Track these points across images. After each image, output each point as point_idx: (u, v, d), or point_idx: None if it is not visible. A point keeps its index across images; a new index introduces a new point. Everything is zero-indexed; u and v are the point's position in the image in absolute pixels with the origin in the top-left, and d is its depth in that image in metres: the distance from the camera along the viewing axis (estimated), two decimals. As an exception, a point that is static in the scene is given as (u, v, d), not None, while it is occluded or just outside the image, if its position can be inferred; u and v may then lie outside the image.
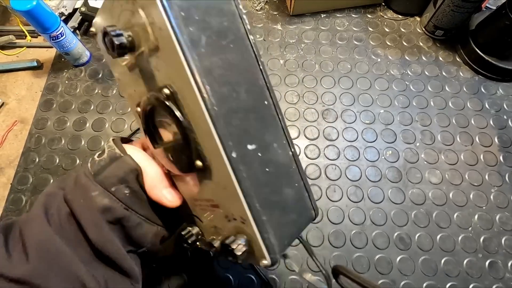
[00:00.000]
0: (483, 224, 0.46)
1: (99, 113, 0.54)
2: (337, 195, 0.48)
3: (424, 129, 0.52)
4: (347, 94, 0.55)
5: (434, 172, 0.50)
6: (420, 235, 0.46)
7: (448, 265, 0.44)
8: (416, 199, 0.48)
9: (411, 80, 0.56)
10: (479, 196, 0.48)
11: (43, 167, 0.50)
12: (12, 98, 0.56)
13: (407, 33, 0.61)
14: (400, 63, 0.58)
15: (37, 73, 0.58)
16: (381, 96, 0.55)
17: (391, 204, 0.47)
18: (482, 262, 0.44)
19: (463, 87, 0.56)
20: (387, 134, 0.52)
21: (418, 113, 0.54)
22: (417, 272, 0.44)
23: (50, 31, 0.48)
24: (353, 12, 0.63)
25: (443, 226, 0.46)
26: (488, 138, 0.52)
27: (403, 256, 0.45)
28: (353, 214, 0.47)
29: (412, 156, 0.51)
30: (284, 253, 0.24)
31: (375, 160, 0.50)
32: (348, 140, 0.52)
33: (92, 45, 0.59)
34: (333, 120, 0.53)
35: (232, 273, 0.43)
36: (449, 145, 0.51)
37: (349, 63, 0.58)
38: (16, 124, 0.53)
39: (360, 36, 0.61)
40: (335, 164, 0.50)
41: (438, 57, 0.59)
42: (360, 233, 0.46)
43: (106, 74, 0.57)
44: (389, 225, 0.46)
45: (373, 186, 0.49)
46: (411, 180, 0.49)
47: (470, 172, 0.50)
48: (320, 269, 0.27)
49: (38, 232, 0.22)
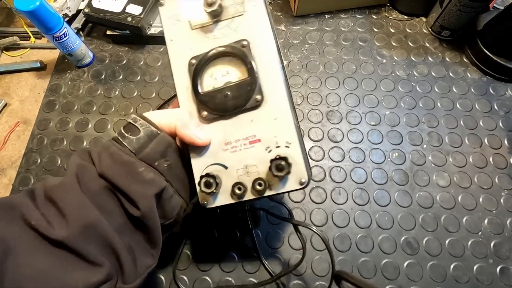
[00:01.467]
0: (493, 228, 0.45)
1: (102, 114, 0.53)
2: (342, 198, 0.47)
3: (431, 131, 0.51)
4: (352, 95, 0.54)
5: (442, 175, 0.48)
6: (428, 240, 0.44)
7: (458, 271, 0.43)
8: (423, 202, 0.47)
9: (418, 81, 0.55)
10: (489, 200, 0.47)
11: (45, 168, 0.49)
12: (15, 99, 0.56)
13: (412, 33, 0.60)
14: (406, 64, 0.57)
15: (40, 74, 0.58)
16: (386, 97, 0.54)
17: (397, 208, 0.46)
18: (493, 268, 0.43)
19: (471, 88, 0.55)
20: (393, 136, 0.51)
21: (425, 115, 0.53)
22: (425, 278, 0.42)
23: (53, 31, 0.48)
24: (358, 13, 0.62)
25: (452, 230, 0.45)
26: (497, 140, 0.51)
27: (411, 261, 0.43)
28: (359, 217, 0.46)
29: (419, 158, 0.49)
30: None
31: (381, 162, 0.49)
32: (353, 142, 0.51)
33: (95, 46, 0.59)
34: (337, 122, 0.52)
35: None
36: (457, 147, 0.50)
37: (354, 64, 0.57)
38: (18, 125, 0.53)
39: (365, 36, 0.60)
40: (340, 166, 0.49)
41: (445, 58, 0.58)
42: (366, 237, 0.45)
43: (109, 75, 0.57)
44: (396, 229, 0.45)
45: (379, 188, 0.47)
46: (418, 183, 0.48)
47: (479, 174, 0.48)
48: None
49: (75, 200, 0.24)
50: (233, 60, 0.29)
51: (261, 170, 0.28)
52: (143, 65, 0.57)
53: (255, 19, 0.29)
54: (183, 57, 0.30)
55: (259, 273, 0.43)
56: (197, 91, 0.29)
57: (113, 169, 0.25)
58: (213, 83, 0.30)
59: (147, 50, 0.59)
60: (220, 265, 0.43)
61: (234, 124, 0.29)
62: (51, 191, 0.25)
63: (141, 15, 0.54)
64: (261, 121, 0.28)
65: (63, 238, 0.22)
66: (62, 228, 0.23)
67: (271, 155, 0.27)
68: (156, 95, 0.55)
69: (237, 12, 0.29)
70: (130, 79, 0.56)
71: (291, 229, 0.45)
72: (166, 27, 0.31)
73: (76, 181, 0.25)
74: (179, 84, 0.30)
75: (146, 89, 0.55)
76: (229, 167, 0.29)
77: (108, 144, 0.27)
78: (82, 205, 0.24)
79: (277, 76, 0.28)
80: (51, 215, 0.24)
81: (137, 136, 0.27)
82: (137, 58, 0.58)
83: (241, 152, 0.29)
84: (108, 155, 0.26)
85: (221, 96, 0.29)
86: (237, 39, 0.29)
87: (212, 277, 0.42)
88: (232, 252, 0.44)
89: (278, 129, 0.28)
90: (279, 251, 0.44)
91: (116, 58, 0.58)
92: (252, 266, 0.43)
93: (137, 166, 0.26)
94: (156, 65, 0.57)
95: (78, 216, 0.24)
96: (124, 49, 0.59)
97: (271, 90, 0.28)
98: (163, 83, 0.56)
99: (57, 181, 0.26)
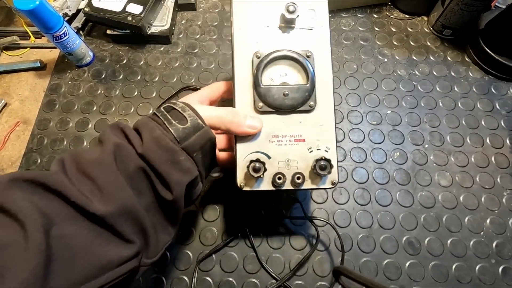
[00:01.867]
0: (495, 228, 0.45)
1: (102, 113, 0.53)
2: (344, 198, 0.47)
3: (433, 130, 0.51)
4: (353, 95, 0.54)
5: (443, 175, 0.48)
6: (430, 240, 0.44)
7: (460, 271, 0.43)
8: (425, 202, 0.46)
9: (419, 80, 0.55)
10: (491, 199, 0.46)
11: (45, 168, 0.49)
12: (15, 98, 0.55)
13: (414, 32, 0.60)
14: (407, 63, 0.57)
15: (40, 74, 0.57)
16: (388, 97, 0.54)
17: (399, 207, 0.46)
18: (495, 268, 0.43)
19: (472, 87, 0.55)
20: (395, 135, 0.51)
21: (426, 114, 0.52)
22: (427, 278, 0.42)
23: (53, 31, 0.48)
24: (359, 12, 0.62)
25: (454, 230, 0.45)
26: (499, 140, 0.50)
27: (413, 261, 0.43)
28: (360, 217, 0.46)
29: (421, 158, 0.49)
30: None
31: (382, 162, 0.49)
32: (355, 142, 0.51)
33: (96, 46, 0.59)
34: (339, 121, 0.52)
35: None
36: (459, 146, 0.50)
37: (355, 63, 0.57)
38: (18, 125, 0.53)
39: (366, 36, 0.60)
40: (341, 166, 0.49)
41: (447, 57, 0.57)
42: (368, 237, 0.44)
43: (109, 74, 0.56)
44: (398, 229, 0.45)
45: (381, 188, 0.47)
46: (420, 182, 0.48)
47: (481, 174, 0.48)
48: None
49: (113, 179, 0.25)
50: (295, 65, 0.33)
51: (301, 166, 0.32)
52: (144, 64, 0.57)
53: (320, 36, 0.33)
54: (248, 49, 0.33)
55: (260, 273, 0.43)
56: (259, 83, 0.32)
57: (155, 152, 0.27)
58: (270, 80, 0.33)
59: (148, 50, 0.59)
60: (221, 265, 0.43)
61: (284, 121, 0.33)
62: (86, 167, 0.25)
63: (141, 14, 0.54)
64: (309, 124, 0.33)
65: (102, 214, 0.23)
66: (100, 204, 0.24)
67: (312, 155, 0.32)
68: (156, 94, 0.54)
69: (308, 26, 0.33)
70: (130, 79, 0.56)
71: (292, 229, 0.45)
72: (236, 15, 0.34)
73: (113, 159, 0.26)
74: (239, 73, 0.33)
75: (147, 88, 0.55)
76: (272, 157, 0.32)
77: (151, 126, 0.28)
78: (119, 185, 0.25)
79: (329, 89, 0.33)
80: (87, 190, 0.24)
81: (184, 126, 0.28)
82: (137, 58, 0.58)
83: (285, 147, 0.32)
84: (152, 138, 0.27)
85: (279, 93, 0.32)
86: (303, 48, 0.33)
87: (213, 277, 0.42)
88: (232, 252, 0.44)
89: (322, 135, 0.32)
90: (280, 251, 0.44)
91: (116, 58, 0.58)
92: (253, 266, 0.43)
93: (179, 155, 0.27)
94: (156, 64, 0.57)
95: (117, 196, 0.25)
96: (124, 49, 0.59)
97: (323, 100, 0.33)
98: (163, 83, 0.55)
99: (90, 155, 0.26)
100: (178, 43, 0.59)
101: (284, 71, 0.33)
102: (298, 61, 0.33)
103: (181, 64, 0.57)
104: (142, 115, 0.53)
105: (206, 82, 0.55)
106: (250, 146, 0.32)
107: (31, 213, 0.21)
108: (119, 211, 0.24)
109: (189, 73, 0.56)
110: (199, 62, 0.57)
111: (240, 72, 0.33)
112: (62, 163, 0.26)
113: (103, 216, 0.23)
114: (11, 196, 0.22)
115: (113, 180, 0.25)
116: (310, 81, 0.32)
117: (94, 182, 0.25)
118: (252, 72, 0.33)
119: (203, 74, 0.56)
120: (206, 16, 0.62)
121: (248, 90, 0.33)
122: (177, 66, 0.57)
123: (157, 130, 0.28)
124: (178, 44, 0.59)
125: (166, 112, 0.30)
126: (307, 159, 0.32)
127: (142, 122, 0.29)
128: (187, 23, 0.61)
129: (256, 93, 0.32)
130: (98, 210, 0.23)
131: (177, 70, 0.57)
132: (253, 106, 0.33)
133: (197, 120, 0.29)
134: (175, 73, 0.56)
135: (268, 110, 0.32)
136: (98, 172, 0.25)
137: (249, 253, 0.44)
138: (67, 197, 0.23)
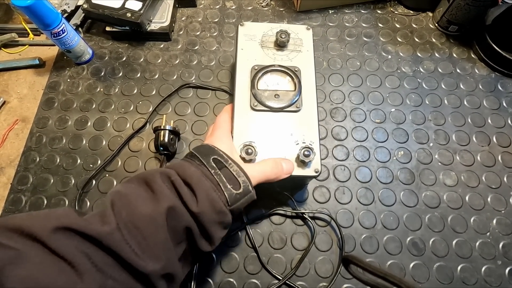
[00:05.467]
0: (502, 229, 0.44)
1: (101, 111, 0.52)
2: (347, 197, 0.46)
3: (438, 129, 0.50)
4: (357, 92, 0.53)
5: (449, 174, 0.47)
6: (435, 240, 0.43)
7: (465, 272, 0.42)
8: (430, 202, 0.45)
9: (424, 78, 0.54)
10: (497, 199, 0.45)
11: (44, 166, 0.49)
12: (14, 96, 0.55)
13: (419, 29, 0.59)
14: (412, 60, 0.56)
15: (39, 71, 0.57)
16: (392, 94, 0.53)
17: (403, 207, 0.45)
18: (502, 270, 0.42)
19: (478, 84, 0.53)
20: (399, 134, 0.50)
21: (431, 112, 0.51)
22: (431, 280, 0.41)
23: (51, 27, 0.47)
24: (362, 8, 0.61)
25: (459, 230, 0.44)
26: (506, 138, 0.49)
27: (417, 262, 0.42)
28: (363, 217, 0.45)
29: (426, 157, 0.48)
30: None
31: (386, 161, 0.48)
32: (358, 140, 0.50)
33: (95, 43, 0.58)
34: (341, 119, 0.51)
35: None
36: (465, 145, 0.49)
37: (359, 60, 0.56)
38: (17, 123, 0.52)
39: (370, 32, 0.58)
40: (344, 165, 0.48)
41: (452, 54, 0.56)
42: (371, 237, 0.44)
43: (108, 72, 0.56)
44: (402, 229, 0.44)
45: (384, 188, 0.46)
46: (424, 182, 0.47)
47: (487, 173, 0.47)
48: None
49: (162, 238, 0.26)
50: (285, 76, 0.40)
51: (288, 156, 0.37)
52: (143, 62, 0.56)
53: (306, 57, 0.42)
54: (248, 63, 0.41)
55: (261, 274, 0.42)
56: (255, 86, 0.39)
57: (209, 215, 0.28)
58: (265, 86, 0.40)
59: (147, 47, 0.58)
60: (221, 265, 0.42)
61: (275, 118, 0.38)
62: (139, 221, 0.26)
63: (140, 10, 0.53)
64: (296, 122, 0.38)
65: (148, 272, 0.25)
66: (147, 264, 0.25)
67: (298, 147, 0.37)
68: (156, 92, 0.54)
69: (296, 49, 0.43)
70: (130, 76, 0.55)
71: (292, 229, 0.44)
72: (240, 39, 0.43)
73: (165, 219, 0.26)
74: (240, 81, 0.40)
75: (146, 86, 0.54)
76: (263, 146, 0.37)
77: (206, 186, 0.29)
78: (168, 247, 0.27)
79: (313, 96, 0.40)
80: (136, 244, 0.25)
81: (237, 192, 0.30)
82: (137, 55, 0.57)
83: (275, 139, 0.37)
84: (207, 199, 0.28)
85: (272, 95, 0.39)
86: (292, 65, 0.41)
87: (213, 277, 0.42)
88: (233, 253, 0.43)
89: (307, 131, 0.38)
90: (281, 251, 0.43)
91: (115, 55, 0.57)
92: (254, 267, 0.42)
93: (227, 216, 0.30)
94: (156, 62, 0.56)
95: (164, 256, 0.26)
96: (123, 46, 0.58)
97: (308, 104, 0.39)
98: (163, 80, 0.55)
99: (143, 209, 0.26)
100: (178, 40, 0.58)
101: (276, 81, 0.40)
102: (287, 73, 0.40)
103: (181, 62, 0.56)
104: (142, 113, 0.52)
105: (206, 79, 0.55)
106: (244, 137, 0.37)
107: (85, 262, 0.23)
108: (162, 270, 0.26)
109: (190, 70, 0.55)
110: (199, 59, 0.56)
111: (240, 81, 0.40)
112: (112, 209, 0.26)
113: (148, 273, 0.25)
114: (66, 245, 0.23)
115: (162, 241, 0.26)
116: (297, 88, 0.39)
117: (145, 240, 0.25)
118: (250, 79, 0.40)
119: (203, 72, 0.55)
120: (207, 13, 0.61)
121: (246, 92, 0.39)
122: (177, 63, 0.56)
123: (213, 193, 0.29)
124: (178, 41, 0.58)
125: (218, 169, 0.31)
126: (294, 150, 0.37)
127: (196, 179, 0.29)
128: (187, 20, 0.60)
129: (252, 94, 0.39)
130: (145, 268, 0.24)
131: (177, 67, 0.56)
132: (250, 104, 0.38)
133: (248, 186, 0.31)
134: (175, 71, 0.55)
135: (262, 109, 0.38)
136: (150, 231, 0.26)
137: (250, 253, 0.43)
138: (120, 256, 0.24)
